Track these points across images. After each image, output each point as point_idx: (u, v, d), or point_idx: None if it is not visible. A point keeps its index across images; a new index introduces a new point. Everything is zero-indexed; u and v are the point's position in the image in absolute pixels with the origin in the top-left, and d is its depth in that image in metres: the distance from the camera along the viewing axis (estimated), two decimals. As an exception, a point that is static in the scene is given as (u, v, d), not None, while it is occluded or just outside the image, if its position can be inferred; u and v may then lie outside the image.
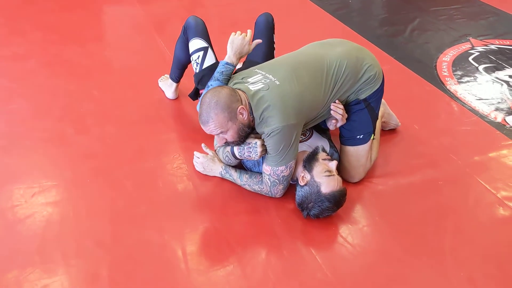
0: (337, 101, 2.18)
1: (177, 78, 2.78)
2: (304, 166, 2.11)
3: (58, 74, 3.11)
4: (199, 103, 2.12)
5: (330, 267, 1.91)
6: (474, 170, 2.46)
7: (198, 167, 2.32)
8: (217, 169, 2.27)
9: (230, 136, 2.04)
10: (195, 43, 2.46)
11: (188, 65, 2.66)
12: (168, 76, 2.92)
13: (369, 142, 2.30)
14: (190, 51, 2.48)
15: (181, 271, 1.86)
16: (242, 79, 2.17)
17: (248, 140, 2.11)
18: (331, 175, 2.05)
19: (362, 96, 2.23)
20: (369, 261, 1.97)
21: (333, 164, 2.09)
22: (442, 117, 2.91)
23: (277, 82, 2.08)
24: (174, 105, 2.85)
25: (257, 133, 2.12)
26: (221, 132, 2.03)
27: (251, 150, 2.10)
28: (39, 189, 2.18)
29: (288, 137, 2.02)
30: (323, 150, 2.18)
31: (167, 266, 1.88)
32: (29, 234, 1.97)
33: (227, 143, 2.13)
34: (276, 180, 2.10)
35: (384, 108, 2.63)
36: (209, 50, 2.45)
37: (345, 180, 2.30)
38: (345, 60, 2.17)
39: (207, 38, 2.48)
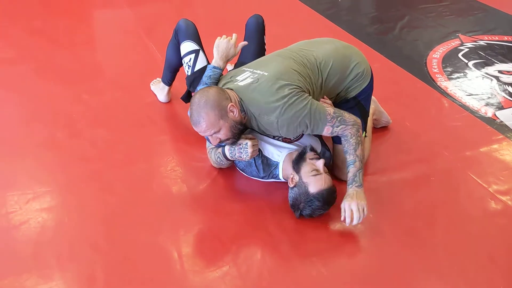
0: (324, 97, 2.19)
1: (169, 81, 2.78)
2: (293, 167, 2.12)
3: (48, 79, 3.10)
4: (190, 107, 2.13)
5: (325, 264, 1.92)
6: (465, 165, 2.49)
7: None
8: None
9: (223, 134, 2.04)
10: (187, 46, 2.46)
11: (180, 68, 2.67)
12: (160, 79, 2.92)
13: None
14: (182, 54, 2.48)
15: (177, 272, 1.87)
16: (230, 77, 2.18)
17: (239, 141, 2.12)
18: (318, 174, 2.05)
19: (352, 94, 2.24)
20: (364, 257, 1.99)
21: (320, 163, 2.09)
22: (433, 113, 2.94)
23: (266, 73, 2.08)
24: (166, 108, 2.85)
25: (250, 131, 2.13)
26: (214, 132, 2.02)
27: (242, 150, 2.10)
28: (33, 195, 2.17)
29: (302, 101, 1.99)
30: (311, 149, 2.17)
31: (163, 268, 1.88)
32: (24, 240, 1.96)
33: (221, 142, 2.12)
34: (340, 124, 2.04)
35: (375, 105, 2.64)
36: (201, 52, 2.45)
37: (338, 179, 2.31)
38: (332, 57, 2.18)
39: (198, 41, 2.48)
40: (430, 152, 2.57)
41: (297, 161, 2.11)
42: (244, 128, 2.11)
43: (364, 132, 2.35)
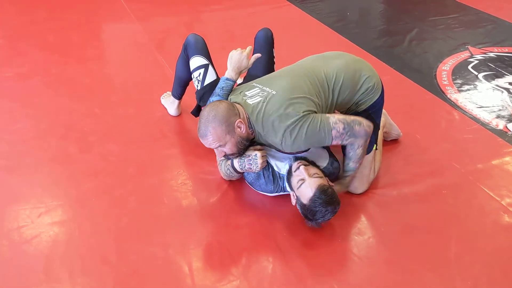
0: (335, 111, 2.19)
1: (179, 95, 2.80)
2: (289, 185, 2.12)
3: (60, 93, 3.13)
4: None
5: (337, 279, 1.91)
6: (477, 178, 2.47)
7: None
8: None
9: (228, 149, 2.07)
10: (196, 61, 2.48)
11: (190, 82, 2.68)
12: (170, 93, 2.94)
13: (372, 153, 2.31)
14: (191, 68, 2.51)
15: (187, 286, 1.86)
16: (240, 93, 2.19)
17: (248, 153, 2.14)
18: (302, 183, 2.02)
19: (362, 108, 2.24)
20: (375, 271, 1.97)
21: (301, 169, 2.05)
22: (443, 125, 2.92)
23: (274, 92, 2.10)
24: (176, 121, 2.86)
25: (258, 144, 2.15)
26: (220, 146, 2.05)
27: (252, 162, 2.12)
28: (45, 209, 2.18)
29: (304, 123, 2.00)
30: (296, 159, 2.14)
31: (174, 282, 1.88)
32: (36, 254, 1.97)
33: (226, 156, 2.14)
34: (348, 130, 2.04)
35: (385, 118, 2.64)
36: (210, 67, 2.47)
37: (349, 192, 2.30)
38: (342, 72, 2.19)
39: (207, 55, 2.50)
40: (441, 165, 2.56)
41: (288, 178, 2.12)
42: (250, 144, 2.13)
43: (375, 145, 2.34)
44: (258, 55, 2.37)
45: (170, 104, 2.89)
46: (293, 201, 2.10)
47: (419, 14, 4.67)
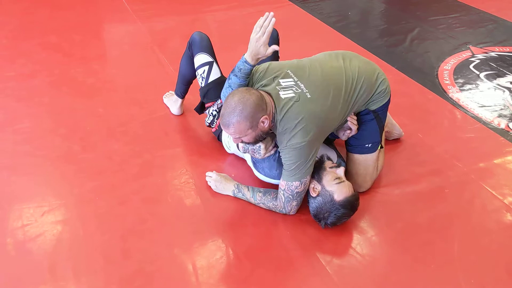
0: (352, 115, 2.20)
1: (182, 93, 2.81)
2: (313, 177, 2.13)
3: (63, 92, 3.14)
4: (223, 92, 2.17)
5: (341, 278, 1.92)
6: (479, 177, 2.47)
7: (212, 185, 2.32)
8: (229, 188, 2.28)
9: (246, 139, 2.05)
10: (200, 58, 2.49)
11: (193, 81, 2.69)
12: (173, 92, 2.94)
13: (377, 152, 2.32)
14: (195, 66, 2.51)
15: (192, 285, 1.87)
16: (274, 79, 2.12)
17: None
18: (341, 182, 2.07)
19: (373, 107, 2.25)
20: (379, 270, 1.97)
21: (341, 171, 2.11)
22: (445, 125, 2.93)
23: (308, 96, 2.06)
24: (179, 120, 2.87)
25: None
26: (237, 137, 2.03)
27: (255, 150, 2.18)
28: (48, 208, 2.19)
29: (306, 153, 2.03)
30: (328, 158, 2.20)
31: (178, 281, 1.89)
32: (40, 252, 1.98)
33: (241, 142, 2.16)
34: (290, 196, 2.10)
35: (387, 118, 2.64)
36: (214, 64, 2.48)
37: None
38: (362, 75, 2.20)
39: (212, 53, 2.51)
40: (444, 164, 2.56)
41: (317, 171, 2.13)
42: (265, 137, 2.13)
43: (380, 145, 2.35)
44: (275, 46, 2.19)
45: (173, 103, 2.89)
46: (314, 194, 2.10)
47: (420, 13, 4.68)
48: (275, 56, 2.59)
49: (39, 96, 3.08)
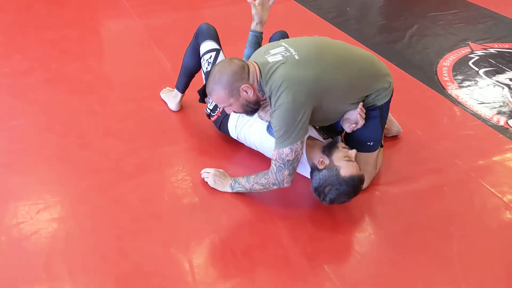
0: (361, 104, 2.16)
1: (183, 87, 2.78)
2: (323, 152, 2.11)
3: (59, 89, 3.11)
4: None
5: (339, 276, 1.90)
6: (478, 174, 2.46)
7: (209, 180, 2.30)
8: (227, 182, 2.26)
9: (235, 108, 2.09)
10: (208, 45, 2.51)
11: (196, 75, 2.69)
12: (170, 88, 2.92)
13: (377, 151, 2.30)
14: (202, 52, 2.52)
15: (188, 284, 1.85)
16: (264, 52, 2.15)
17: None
18: (350, 161, 2.06)
19: (379, 103, 2.22)
20: (378, 269, 1.96)
21: (353, 152, 2.10)
22: (444, 122, 2.92)
23: (296, 57, 2.04)
24: (177, 117, 2.85)
25: None
26: (225, 106, 2.09)
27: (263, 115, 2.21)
28: (44, 205, 2.17)
29: (293, 116, 1.97)
30: (342, 141, 2.21)
31: (174, 279, 1.87)
32: (35, 251, 1.96)
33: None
34: (282, 165, 2.05)
35: (386, 115, 2.63)
36: (221, 52, 2.50)
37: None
38: (369, 56, 2.25)
39: (218, 42, 2.54)
40: (443, 161, 2.55)
41: (330, 147, 2.12)
42: (259, 107, 2.12)
43: (380, 144, 2.34)
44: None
45: (172, 98, 2.86)
46: (321, 166, 2.07)
47: (419, 9, 4.65)
48: None
49: (35, 93, 3.05)
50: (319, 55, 2.09)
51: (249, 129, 2.35)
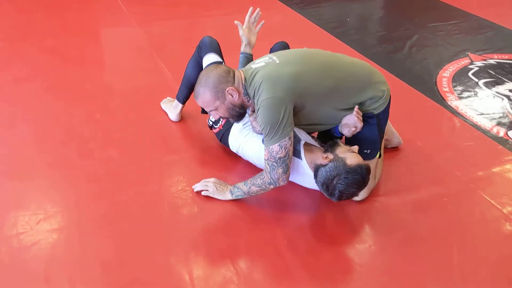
0: (356, 107, 2.17)
1: (184, 98, 2.78)
2: (326, 151, 2.12)
3: (60, 97, 3.12)
4: None
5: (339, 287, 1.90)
6: (478, 186, 2.46)
7: (210, 189, 2.29)
8: (227, 189, 2.27)
9: (221, 113, 2.16)
10: (210, 57, 2.54)
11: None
12: (171, 98, 2.92)
13: (375, 160, 2.30)
14: (204, 65, 2.54)
15: (188, 295, 1.85)
16: (251, 63, 2.25)
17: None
18: (354, 152, 2.07)
19: (375, 111, 2.23)
20: (378, 280, 1.95)
21: (355, 148, 2.10)
22: (444, 133, 2.92)
23: (277, 61, 2.14)
24: (177, 127, 2.85)
25: None
26: (211, 110, 2.15)
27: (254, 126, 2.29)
28: (44, 216, 2.16)
29: (276, 111, 2.01)
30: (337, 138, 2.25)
31: (174, 291, 1.87)
32: (35, 261, 1.95)
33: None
34: (274, 164, 2.07)
35: (387, 125, 2.63)
36: (224, 64, 2.50)
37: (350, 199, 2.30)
38: (361, 65, 2.30)
39: (221, 55, 2.58)
40: (443, 172, 2.55)
41: (331, 145, 2.13)
42: (244, 112, 2.19)
43: (379, 153, 2.34)
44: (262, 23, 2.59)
45: (172, 108, 2.87)
46: (326, 161, 2.06)
47: (419, 20, 4.68)
48: None
49: (35, 101, 3.06)
50: (301, 59, 2.18)
51: (247, 144, 2.36)
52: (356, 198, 2.30)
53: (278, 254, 2.03)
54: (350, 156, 2.04)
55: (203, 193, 2.29)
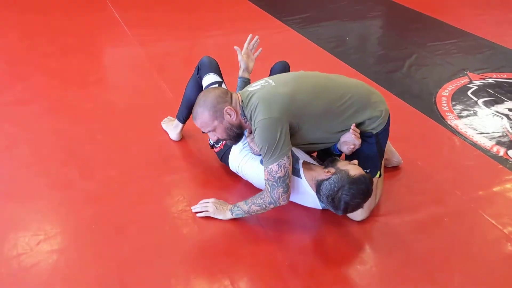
0: (353, 125, 2.18)
1: (184, 118, 2.80)
2: (326, 166, 2.13)
3: (61, 118, 3.13)
4: None
5: (340, 309, 1.89)
6: (479, 205, 2.46)
7: (210, 209, 2.29)
8: (227, 208, 2.27)
9: (219, 133, 2.19)
10: (210, 78, 2.57)
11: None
12: (171, 118, 2.94)
13: (375, 179, 2.30)
14: (204, 85, 2.57)
15: (188, 317, 1.84)
16: (248, 86, 2.30)
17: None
18: (355, 165, 2.09)
19: (374, 131, 2.25)
20: (379, 302, 1.95)
21: (355, 162, 2.12)
22: (444, 152, 2.93)
23: (273, 84, 2.19)
24: (178, 146, 2.86)
25: None
26: (209, 131, 2.18)
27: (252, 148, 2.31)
28: (44, 237, 2.16)
29: (273, 130, 2.04)
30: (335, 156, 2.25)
31: (175, 313, 1.86)
32: (35, 282, 1.94)
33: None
34: (274, 183, 2.08)
35: (387, 145, 2.64)
36: (223, 84, 2.57)
37: (350, 219, 2.29)
38: (353, 83, 2.34)
39: (220, 75, 2.61)
40: (443, 192, 2.55)
41: (331, 160, 2.15)
42: (242, 133, 2.22)
43: (379, 172, 2.34)
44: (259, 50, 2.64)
45: (173, 128, 2.89)
46: (328, 175, 2.07)
47: (417, 39, 4.71)
48: None
49: (37, 122, 3.07)
50: (295, 81, 2.23)
51: (247, 164, 2.37)
52: (356, 218, 2.30)
53: (279, 275, 2.03)
54: (352, 167, 2.06)
55: (201, 214, 2.29)
